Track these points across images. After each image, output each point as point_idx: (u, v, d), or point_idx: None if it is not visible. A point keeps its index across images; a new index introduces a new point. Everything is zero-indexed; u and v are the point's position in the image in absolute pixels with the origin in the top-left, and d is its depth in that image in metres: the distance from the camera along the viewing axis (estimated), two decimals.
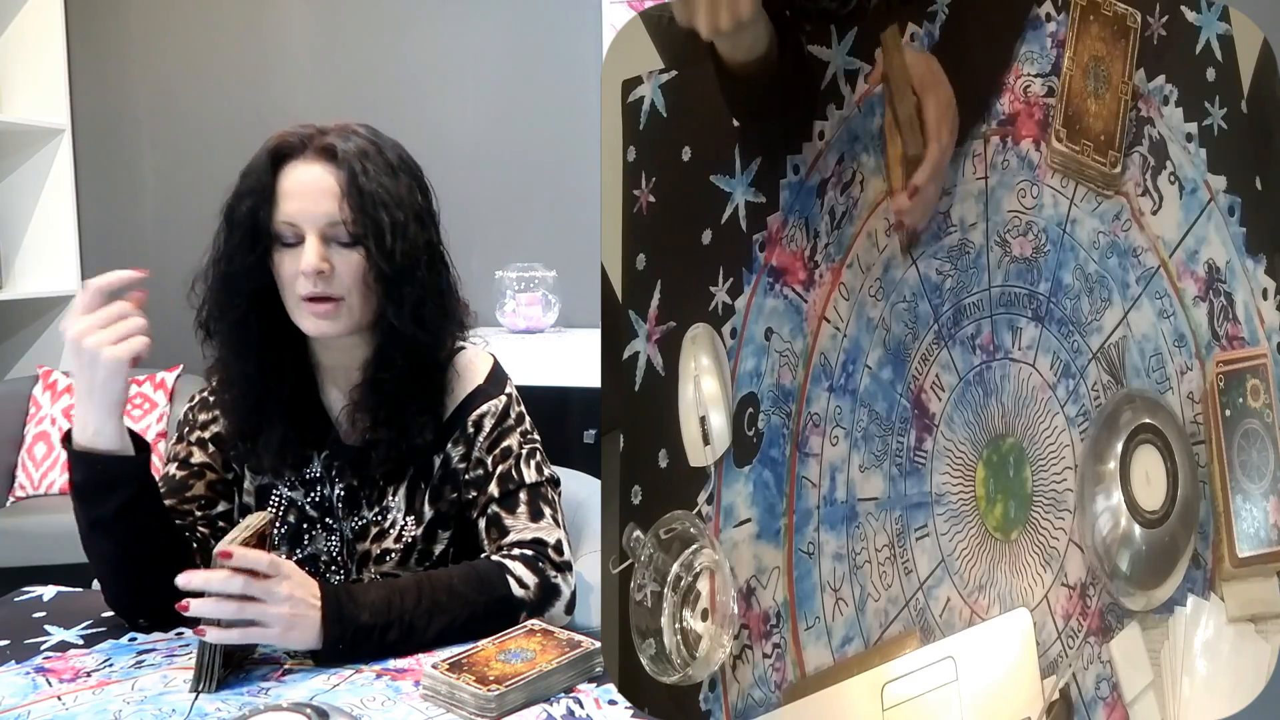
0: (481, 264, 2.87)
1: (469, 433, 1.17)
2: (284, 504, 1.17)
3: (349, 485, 1.16)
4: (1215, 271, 0.99)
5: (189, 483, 1.16)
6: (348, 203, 1.06)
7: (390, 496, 1.16)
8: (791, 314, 0.81)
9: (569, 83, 2.86)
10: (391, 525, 1.16)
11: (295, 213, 1.07)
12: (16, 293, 3.12)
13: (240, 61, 3.10)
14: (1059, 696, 0.90)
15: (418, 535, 1.16)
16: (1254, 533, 0.98)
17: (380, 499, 1.16)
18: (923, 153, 0.84)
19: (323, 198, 1.06)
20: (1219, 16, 0.98)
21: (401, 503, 1.16)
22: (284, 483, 1.17)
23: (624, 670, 0.75)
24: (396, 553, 1.15)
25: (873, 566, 0.84)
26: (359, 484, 1.16)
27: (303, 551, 1.17)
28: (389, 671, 0.97)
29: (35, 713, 0.89)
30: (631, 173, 0.75)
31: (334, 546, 1.17)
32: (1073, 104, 0.92)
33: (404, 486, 1.16)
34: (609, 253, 0.75)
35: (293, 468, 1.17)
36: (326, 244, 1.07)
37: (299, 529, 1.17)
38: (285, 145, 1.09)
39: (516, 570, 1.09)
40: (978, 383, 0.89)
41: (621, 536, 0.75)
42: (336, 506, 1.17)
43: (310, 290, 1.06)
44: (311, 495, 1.17)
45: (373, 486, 1.16)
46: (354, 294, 1.08)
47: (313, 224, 1.06)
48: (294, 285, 1.07)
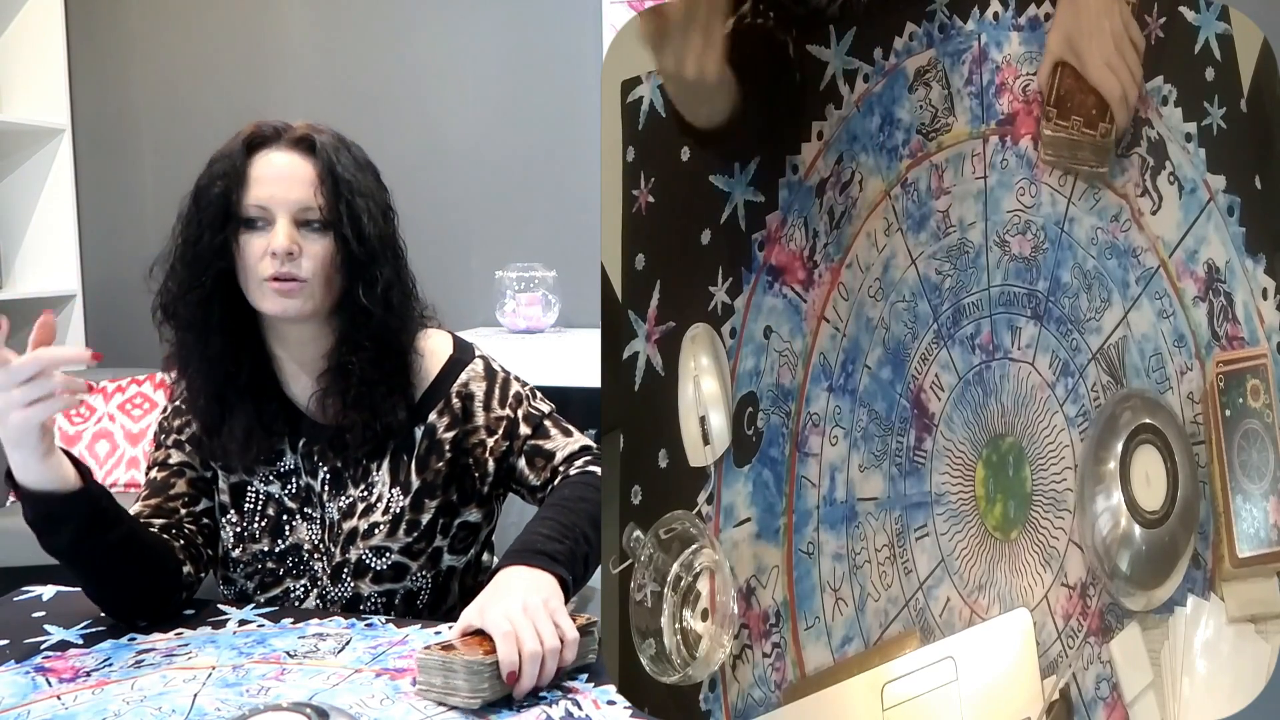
0: (481, 264, 2.87)
1: (455, 403, 1.20)
2: (261, 499, 1.19)
3: (333, 468, 1.18)
4: (1215, 271, 0.99)
5: (171, 481, 1.19)
6: (324, 189, 1.10)
7: (375, 472, 1.18)
8: (791, 313, 0.81)
9: (569, 83, 2.86)
10: (378, 500, 1.17)
11: (267, 197, 1.10)
12: (16, 293, 3.11)
13: (240, 61, 3.10)
14: (1059, 696, 0.90)
15: (405, 505, 1.18)
16: (1254, 533, 0.98)
17: (365, 476, 1.18)
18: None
19: (295, 184, 1.10)
20: (1218, 16, 0.98)
21: (386, 476, 1.18)
22: (258, 479, 1.19)
23: (624, 670, 0.75)
24: (385, 524, 1.17)
25: (872, 566, 0.84)
26: (342, 465, 1.18)
27: (284, 542, 1.18)
28: (388, 671, 0.97)
29: (35, 712, 0.89)
30: (631, 173, 0.75)
31: (315, 534, 1.19)
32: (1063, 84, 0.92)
33: (386, 460, 1.18)
34: (609, 253, 0.75)
35: (265, 463, 1.18)
36: (295, 229, 1.10)
37: (278, 521, 1.18)
38: (259, 134, 1.13)
39: (595, 469, 1.17)
40: (977, 382, 0.89)
41: (621, 536, 0.75)
42: (320, 493, 1.18)
43: (275, 270, 1.09)
44: (288, 487, 1.19)
45: (356, 465, 1.18)
46: (317, 278, 1.10)
47: (284, 209, 1.10)
48: (258, 267, 1.09)
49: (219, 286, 1.12)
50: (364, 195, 1.12)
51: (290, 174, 1.11)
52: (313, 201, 1.10)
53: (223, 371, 1.14)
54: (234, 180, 1.10)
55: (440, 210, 2.89)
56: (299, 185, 1.11)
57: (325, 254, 1.11)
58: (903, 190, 0.86)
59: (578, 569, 1.05)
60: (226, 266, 1.11)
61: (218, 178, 1.11)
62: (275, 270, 1.09)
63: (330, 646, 1.03)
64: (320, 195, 1.10)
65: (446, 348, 1.24)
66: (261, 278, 1.09)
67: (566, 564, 1.03)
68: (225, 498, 1.20)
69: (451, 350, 1.23)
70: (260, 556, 1.19)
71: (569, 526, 1.07)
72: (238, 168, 1.11)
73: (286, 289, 1.10)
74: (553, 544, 1.05)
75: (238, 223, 1.11)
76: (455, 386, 1.20)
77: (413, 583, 1.19)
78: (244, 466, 1.17)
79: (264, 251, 1.09)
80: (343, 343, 1.14)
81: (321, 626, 1.09)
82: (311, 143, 1.12)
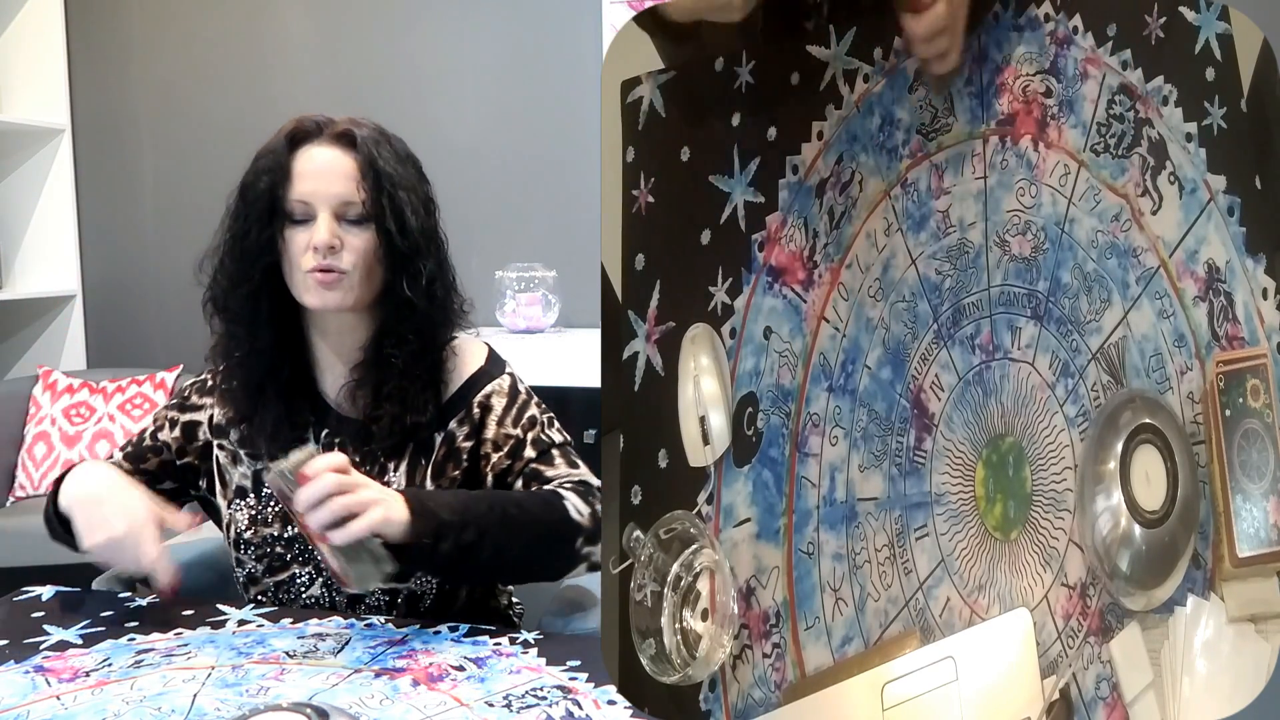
0: (481, 264, 2.87)
1: (475, 413, 1.20)
2: None
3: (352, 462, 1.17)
4: (1215, 271, 0.99)
5: (146, 456, 1.24)
6: (366, 183, 1.12)
7: (391, 473, 1.18)
8: (790, 314, 0.81)
9: (569, 83, 2.86)
10: None
11: (309, 192, 1.12)
12: (16, 293, 3.12)
13: (240, 61, 3.10)
14: (1059, 696, 0.90)
15: None
16: (1254, 533, 0.98)
17: (381, 475, 1.18)
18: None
19: (337, 179, 1.12)
20: (1218, 16, 0.98)
21: (402, 479, 1.18)
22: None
23: (624, 670, 0.75)
24: None
25: (872, 566, 0.84)
26: (360, 460, 1.18)
27: (294, 528, 1.19)
28: (388, 671, 0.97)
29: (34, 712, 0.89)
30: (631, 173, 0.75)
31: None
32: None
33: (404, 464, 1.18)
34: (609, 253, 0.75)
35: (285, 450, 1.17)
36: (337, 222, 1.12)
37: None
38: (302, 129, 1.15)
39: (570, 498, 1.13)
40: (977, 382, 0.89)
41: (621, 536, 0.75)
42: None
43: (318, 262, 1.11)
44: None
45: (374, 462, 1.19)
46: (358, 270, 1.13)
47: (325, 203, 1.12)
48: (302, 260, 1.12)
49: (267, 280, 1.14)
50: (406, 188, 1.14)
51: (331, 169, 1.13)
52: (354, 196, 1.12)
53: (268, 364, 1.17)
54: (279, 175, 1.12)
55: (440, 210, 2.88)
56: (340, 180, 1.12)
57: (367, 247, 1.13)
58: (903, 190, 0.86)
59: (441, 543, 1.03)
60: (274, 261, 1.14)
61: (263, 173, 1.13)
62: (317, 263, 1.11)
63: (330, 646, 1.03)
64: (362, 189, 1.12)
65: (479, 358, 1.25)
66: (304, 271, 1.12)
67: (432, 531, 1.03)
68: (247, 483, 1.21)
69: (483, 361, 1.24)
70: (270, 540, 1.20)
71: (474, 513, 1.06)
72: (281, 163, 1.13)
73: (328, 280, 1.12)
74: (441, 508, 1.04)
75: (283, 218, 1.12)
76: (478, 397, 1.21)
77: (417, 585, 1.18)
78: (269, 454, 1.19)
79: (307, 245, 1.11)
80: (383, 334, 1.16)
81: (321, 626, 1.09)
82: (352, 137, 1.14)
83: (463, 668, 0.98)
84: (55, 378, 2.87)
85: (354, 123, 1.16)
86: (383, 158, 1.13)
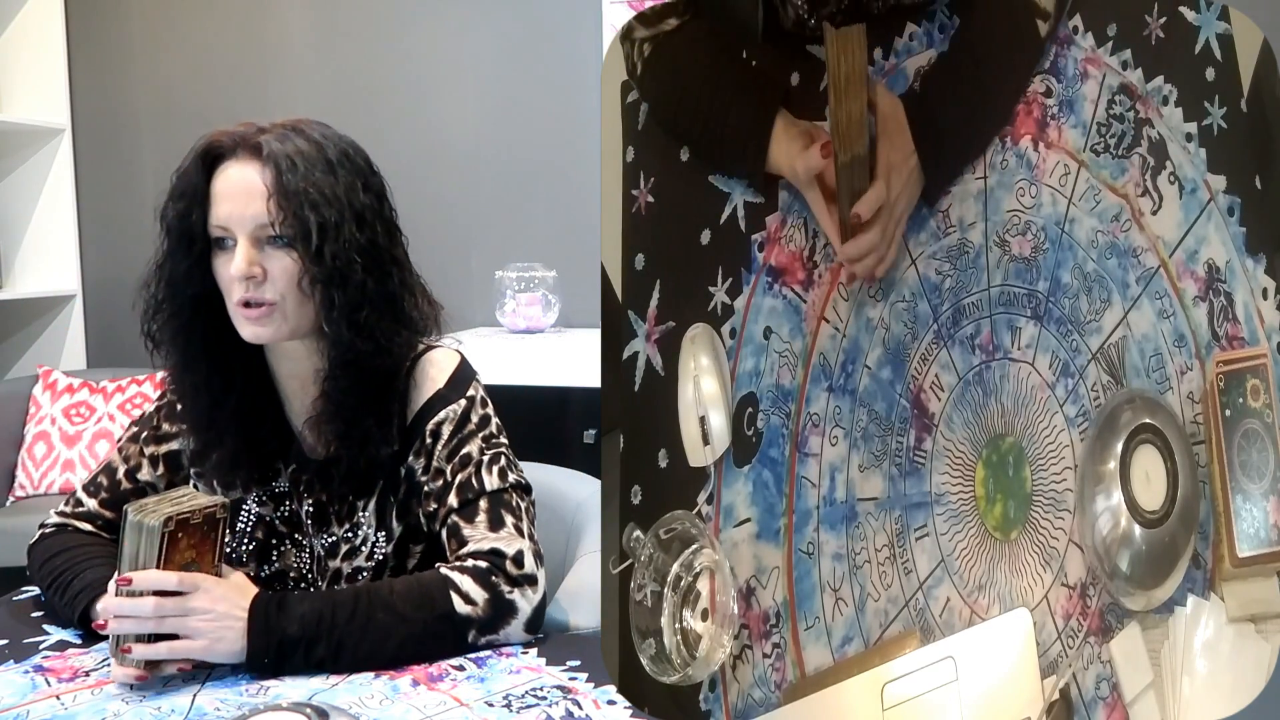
0: (481, 264, 2.87)
1: (427, 442, 1.10)
2: (252, 519, 1.14)
3: (318, 501, 1.12)
4: (1215, 271, 0.98)
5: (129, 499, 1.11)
6: (274, 202, 1.01)
7: (360, 512, 1.12)
8: (790, 314, 0.81)
9: (569, 83, 2.86)
10: (363, 543, 1.12)
11: (225, 216, 1.02)
12: (16, 293, 3.12)
13: (240, 61, 3.10)
14: (1059, 696, 0.90)
15: (389, 553, 1.12)
16: (1254, 533, 0.98)
17: (350, 514, 1.12)
18: (867, 185, 0.80)
19: (252, 199, 1.02)
20: (1218, 16, 0.98)
21: (372, 518, 1.11)
22: (252, 497, 1.14)
23: (624, 670, 0.75)
24: (369, 570, 1.12)
25: (872, 566, 0.84)
26: (327, 499, 1.12)
27: (270, 568, 1.14)
28: (387, 671, 0.97)
29: (34, 712, 0.89)
30: (631, 173, 0.75)
31: (304, 563, 1.14)
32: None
33: (374, 501, 1.11)
34: (609, 253, 0.75)
35: (258, 482, 1.13)
36: (260, 247, 1.03)
37: (267, 544, 1.14)
38: (216, 146, 1.05)
39: (463, 585, 1.01)
40: (977, 382, 0.89)
41: (621, 536, 0.75)
42: (305, 522, 1.14)
43: (243, 295, 1.02)
44: (280, 510, 1.14)
45: (341, 502, 1.12)
46: (289, 299, 1.03)
47: (242, 227, 1.02)
48: (231, 290, 1.03)
49: (200, 310, 1.06)
50: (322, 204, 1.01)
51: (244, 188, 1.02)
52: (267, 217, 1.01)
53: (209, 398, 1.09)
54: (193, 200, 1.04)
55: (440, 210, 2.89)
56: (254, 200, 1.01)
57: (291, 270, 1.02)
58: None
59: (287, 661, 0.96)
60: (205, 289, 1.05)
61: (176, 198, 1.05)
62: (243, 295, 1.02)
63: None
64: (272, 208, 1.01)
65: (442, 378, 1.12)
66: (233, 302, 1.04)
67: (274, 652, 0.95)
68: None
69: (443, 384, 1.12)
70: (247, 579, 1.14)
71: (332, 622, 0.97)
72: (196, 186, 1.04)
73: (255, 315, 1.03)
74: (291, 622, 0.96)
75: (208, 244, 1.04)
76: (430, 425, 1.10)
77: None
78: (240, 484, 1.13)
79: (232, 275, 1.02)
80: (330, 366, 1.06)
81: None
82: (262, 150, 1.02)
83: (463, 667, 0.98)
84: (55, 377, 2.87)
85: (279, 130, 1.04)
86: (295, 170, 1.01)
